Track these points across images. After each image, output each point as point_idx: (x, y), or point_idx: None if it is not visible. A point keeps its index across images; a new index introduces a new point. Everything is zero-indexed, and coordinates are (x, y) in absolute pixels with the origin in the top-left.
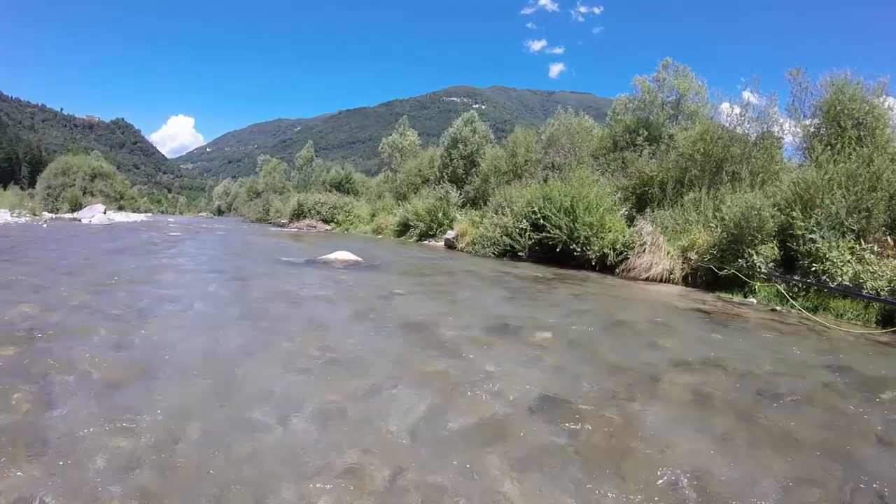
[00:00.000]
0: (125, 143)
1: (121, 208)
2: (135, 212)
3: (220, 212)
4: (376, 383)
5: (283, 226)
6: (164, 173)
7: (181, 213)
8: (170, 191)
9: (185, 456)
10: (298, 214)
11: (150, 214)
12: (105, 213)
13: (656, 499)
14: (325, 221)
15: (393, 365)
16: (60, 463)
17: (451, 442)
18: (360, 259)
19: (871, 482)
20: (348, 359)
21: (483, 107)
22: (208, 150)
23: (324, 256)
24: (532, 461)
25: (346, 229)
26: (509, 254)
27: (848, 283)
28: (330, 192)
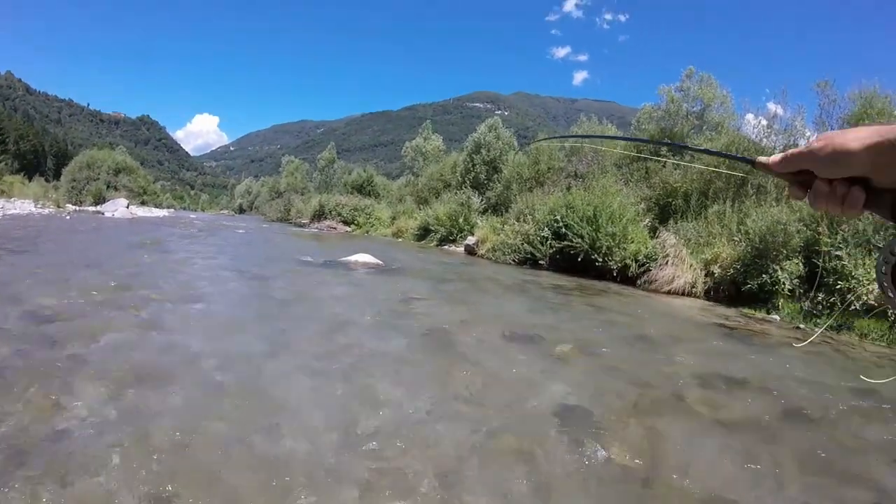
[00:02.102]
0: (150, 139)
1: (143, 203)
2: (157, 207)
3: (241, 210)
4: (395, 391)
5: (303, 226)
6: (188, 170)
7: (203, 210)
8: (192, 188)
9: (200, 457)
10: (319, 215)
11: (172, 210)
12: (128, 207)
13: None
14: (346, 223)
15: (412, 375)
16: (73, 464)
17: (470, 459)
18: (380, 262)
19: None
20: (366, 365)
21: (506, 113)
22: (232, 148)
23: (344, 258)
24: (555, 480)
25: (367, 232)
26: (529, 262)
27: (873, 302)
28: (351, 194)
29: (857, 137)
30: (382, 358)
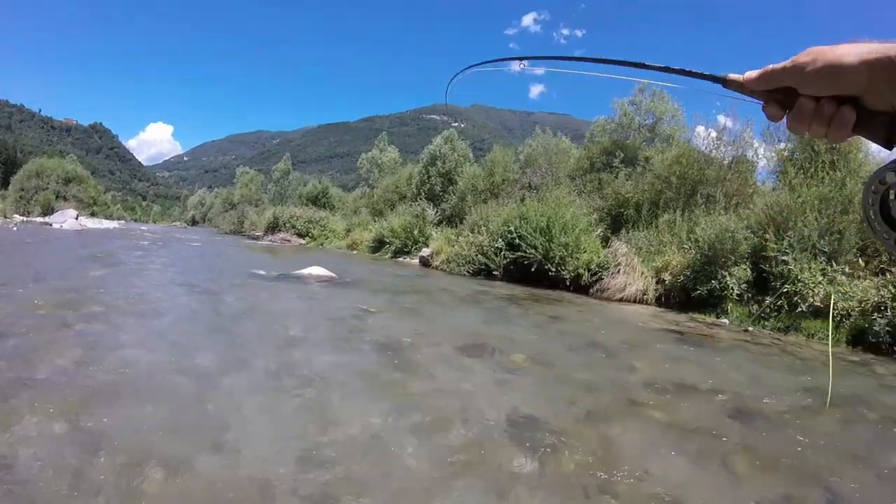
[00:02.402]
0: (102, 147)
1: (93, 214)
2: (107, 219)
3: (194, 222)
4: (348, 407)
5: (257, 238)
6: (140, 181)
7: (154, 222)
8: (144, 198)
9: (152, 478)
10: (273, 227)
11: (122, 222)
12: (77, 218)
13: None
14: (300, 235)
15: (366, 387)
16: (22, 487)
17: (427, 471)
18: (333, 275)
19: (844, 502)
20: (321, 379)
21: (462, 125)
22: (185, 159)
23: (297, 271)
24: (512, 489)
25: (321, 244)
26: (484, 273)
27: (819, 304)
28: (306, 205)
29: (854, 52)
30: (337, 372)
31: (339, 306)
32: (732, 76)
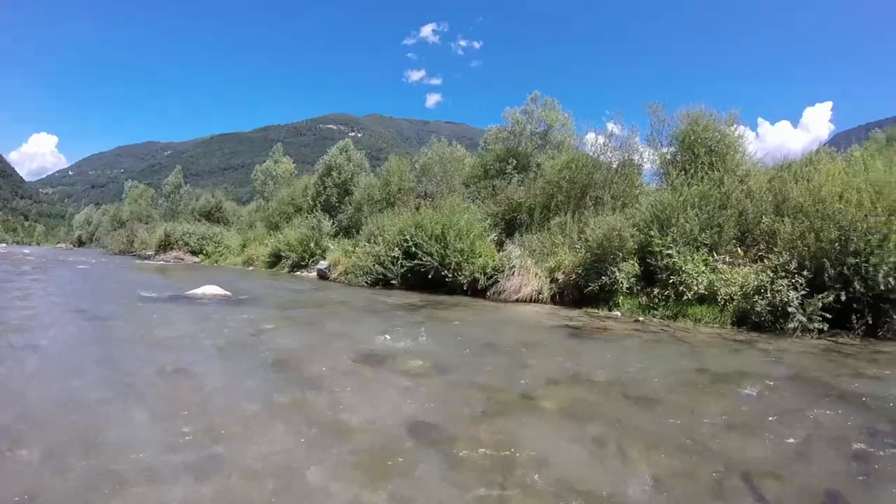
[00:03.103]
0: None
1: None
2: None
3: (80, 242)
4: (245, 427)
5: (148, 258)
6: (22, 198)
7: (38, 244)
8: (27, 218)
9: None
10: (165, 245)
11: (4, 245)
12: None
13: None
14: (194, 253)
15: (262, 406)
16: None
17: (330, 484)
18: (228, 293)
19: (735, 469)
20: (215, 403)
21: (360, 135)
22: (70, 172)
23: (190, 291)
24: (413, 491)
25: (216, 261)
26: (382, 282)
27: (703, 292)
28: (199, 221)
29: None
30: (232, 394)
31: (233, 325)
32: None
